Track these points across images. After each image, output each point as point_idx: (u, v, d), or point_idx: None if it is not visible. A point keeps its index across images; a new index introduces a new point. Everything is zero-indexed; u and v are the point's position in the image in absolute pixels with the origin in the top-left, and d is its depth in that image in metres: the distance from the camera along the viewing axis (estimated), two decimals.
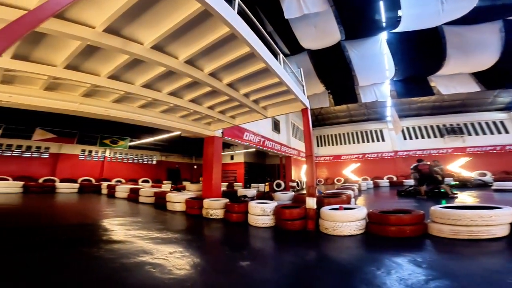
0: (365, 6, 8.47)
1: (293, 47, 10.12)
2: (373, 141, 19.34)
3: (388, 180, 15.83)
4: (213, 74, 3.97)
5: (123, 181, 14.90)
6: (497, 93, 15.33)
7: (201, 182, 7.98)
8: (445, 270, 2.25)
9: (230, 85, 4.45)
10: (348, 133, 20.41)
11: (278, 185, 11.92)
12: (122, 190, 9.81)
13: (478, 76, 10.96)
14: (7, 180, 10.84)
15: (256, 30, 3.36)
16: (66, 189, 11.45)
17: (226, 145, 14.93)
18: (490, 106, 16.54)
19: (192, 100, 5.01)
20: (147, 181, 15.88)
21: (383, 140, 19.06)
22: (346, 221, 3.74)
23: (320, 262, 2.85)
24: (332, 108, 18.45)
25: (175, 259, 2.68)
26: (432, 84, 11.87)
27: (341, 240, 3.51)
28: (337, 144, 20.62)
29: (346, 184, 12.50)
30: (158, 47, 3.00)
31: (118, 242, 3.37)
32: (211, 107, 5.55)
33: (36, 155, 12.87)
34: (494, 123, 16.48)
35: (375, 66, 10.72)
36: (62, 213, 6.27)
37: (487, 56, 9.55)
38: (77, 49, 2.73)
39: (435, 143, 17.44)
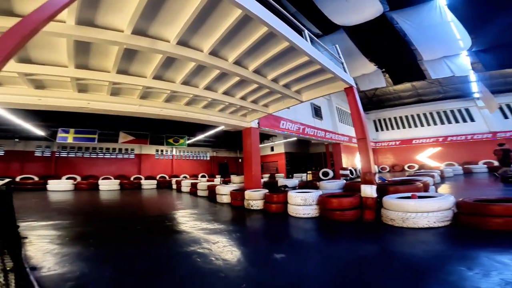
0: None
1: (325, 26, 9.24)
2: (456, 121, 16.21)
3: (485, 166, 12.90)
4: (237, 63, 4.07)
5: (188, 176, 16.95)
6: None
7: None
8: None
9: (257, 71, 4.46)
10: (418, 115, 17.64)
11: (325, 174, 11.13)
12: (185, 185, 10.92)
13: None
14: (110, 179, 13.84)
15: (274, 11, 3.24)
16: (148, 185, 13.61)
17: (266, 137, 15.05)
18: None
19: (225, 93, 5.27)
20: (204, 176, 17.62)
21: (472, 120, 15.65)
22: (423, 211, 3.26)
23: (381, 258, 2.49)
24: (392, 88, 16.05)
25: (217, 249, 2.89)
26: None
27: (413, 233, 3.07)
28: (404, 128, 18.15)
29: (421, 171, 10.94)
30: (182, 42, 3.30)
31: (177, 232, 3.85)
32: (243, 98, 5.71)
33: (126, 156, 16.17)
34: None
35: (440, 36, 8.83)
36: (143, 207, 7.42)
37: None
38: (118, 53, 3.27)
39: None
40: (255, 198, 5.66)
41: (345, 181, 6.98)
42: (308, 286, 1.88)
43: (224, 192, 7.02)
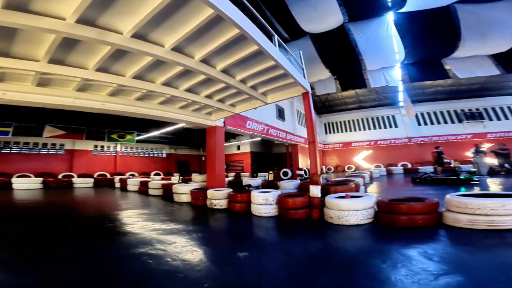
0: None
1: (294, 32, 9.65)
2: (385, 127, 18.69)
3: (402, 167, 15.32)
4: (205, 61, 3.78)
5: (136, 174, 15.26)
6: None
7: None
8: (459, 264, 2.03)
9: (225, 71, 4.25)
10: (358, 120, 19.74)
11: (285, 174, 11.70)
12: (133, 183, 9.99)
13: (497, 58, 10.07)
14: (29, 177, 11.37)
15: (248, 13, 3.13)
16: (82, 184, 11.92)
17: (232, 136, 14.83)
18: None
19: (188, 90, 4.87)
20: (158, 174, 16.22)
21: (396, 126, 18.34)
22: (352, 210, 3.55)
23: (322, 254, 2.69)
24: (340, 94, 17.83)
25: (174, 250, 2.67)
26: (447, 67, 11.06)
27: (346, 230, 3.35)
28: (346, 131, 20.06)
29: (356, 172, 12.14)
30: (139, 35, 2.84)
31: (122, 233, 3.44)
32: (208, 96, 5.40)
33: (52, 152, 13.36)
34: None
35: (383, 49, 10.09)
36: (76, 207, 6.51)
37: (506, 37, 8.71)
38: (54, 42, 2.65)
39: (453, 129, 16.56)
40: (218, 198, 5.51)
41: (299, 181, 7.37)
42: (269, 282, 1.96)
43: (183, 191, 6.61)
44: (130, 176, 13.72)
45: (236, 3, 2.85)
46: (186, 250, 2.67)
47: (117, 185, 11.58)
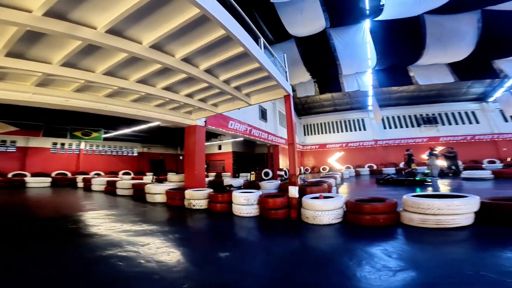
0: None
1: (279, 35, 9.77)
2: (355, 130, 19.65)
3: (368, 169, 16.27)
4: (186, 60, 3.64)
5: (102, 174, 14.28)
6: (471, 84, 16.03)
7: None
8: (413, 261, 2.26)
9: (208, 71, 4.14)
10: (332, 122, 20.56)
11: (266, 174, 11.84)
12: (98, 183, 9.51)
13: (453, 67, 11.20)
14: None
15: (235, 14, 3.09)
16: (37, 183, 10.99)
17: (213, 135, 14.55)
18: (464, 96, 17.29)
19: (166, 88, 4.66)
20: (128, 173, 15.32)
21: (364, 129, 19.40)
22: (325, 210, 3.71)
23: (299, 253, 2.82)
24: (318, 97, 18.40)
25: (148, 251, 2.56)
26: (410, 74, 12.03)
27: (320, 229, 3.51)
28: (322, 133, 20.76)
29: (330, 173, 12.65)
30: (114, 31, 2.64)
31: (87, 235, 3.23)
32: (189, 95, 5.22)
33: (1, 149, 11.95)
34: (466, 113, 17.31)
35: (358, 54, 10.60)
36: (31, 208, 5.91)
37: (463, 47, 9.69)
38: (15, 35, 2.36)
39: (412, 133, 18.03)
40: (197, 198, 5.41)
41: (280, 182, 7.53)
42: (250, 281, 2.00)
43: (158, 191, 6.39)
44: (95, 176, 12.74)
45: (224, 3, 2.79)
46: (161, 251, 2.58)
47: (80, 184, 10.89)
